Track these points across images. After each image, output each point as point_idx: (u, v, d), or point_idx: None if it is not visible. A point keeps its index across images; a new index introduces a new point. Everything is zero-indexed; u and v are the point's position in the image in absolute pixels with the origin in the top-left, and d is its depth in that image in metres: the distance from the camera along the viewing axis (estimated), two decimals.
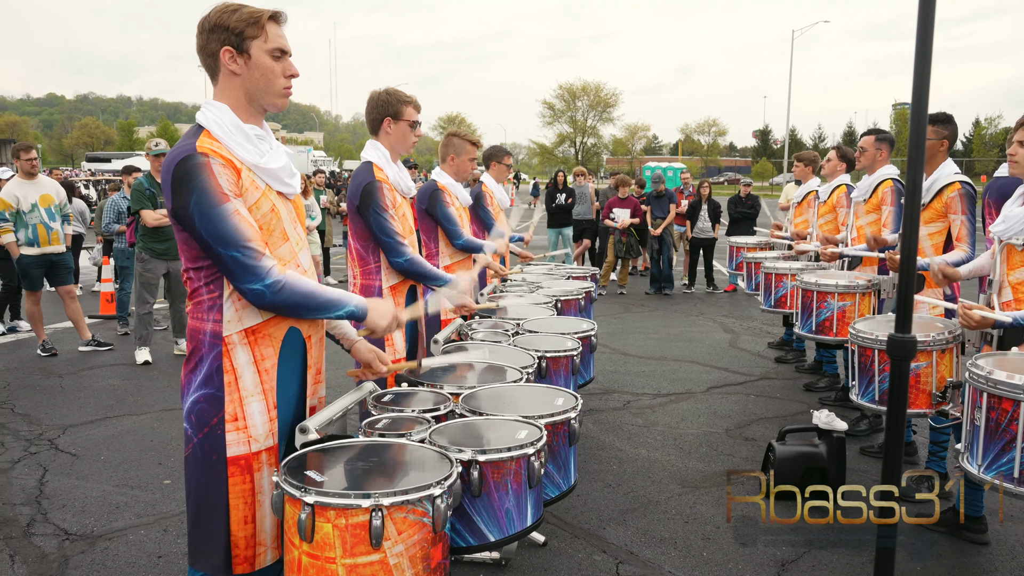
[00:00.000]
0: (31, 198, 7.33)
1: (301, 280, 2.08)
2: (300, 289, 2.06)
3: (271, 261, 2.03)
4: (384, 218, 3.31)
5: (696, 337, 8.62)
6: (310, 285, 2.09)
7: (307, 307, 2.09)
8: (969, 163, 52.02)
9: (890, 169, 5.29)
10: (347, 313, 2.17)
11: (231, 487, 2.10)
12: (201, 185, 1.96)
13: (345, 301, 2.17)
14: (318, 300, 2.10)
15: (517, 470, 2.24)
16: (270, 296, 2.01)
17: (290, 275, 2.06)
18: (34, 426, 5.50)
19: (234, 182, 2.02)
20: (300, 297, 2.06)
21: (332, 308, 2.14)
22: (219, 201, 1.97)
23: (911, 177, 2.27)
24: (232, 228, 1.97)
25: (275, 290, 2.01)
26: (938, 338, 3.59)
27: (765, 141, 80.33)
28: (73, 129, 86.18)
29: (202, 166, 1.97)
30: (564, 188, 12.21)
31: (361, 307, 2.22)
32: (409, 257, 3.36)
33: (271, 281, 2.00)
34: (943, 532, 3.77)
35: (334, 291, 2.16)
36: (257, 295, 2.00)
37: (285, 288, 2.02)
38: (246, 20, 2.07)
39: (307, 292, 2.07)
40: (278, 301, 2.03)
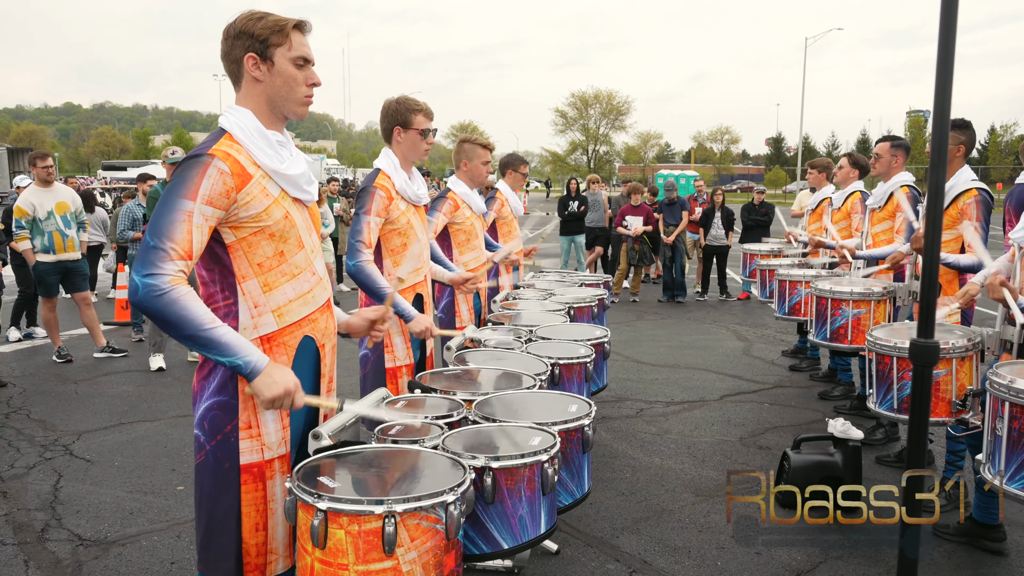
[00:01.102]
0: (47, 205, 7.39)
1: (190, 305, 1.92)
2: (178, 311, 1.90)
3: (174, 269, 1.92)
4: (360, 219, 3.31)
5: (709, 345, 8.57)
6: (194, 314, 1.92)
7: (178, 330, 1.92)
8: (984, 170, 51.68)
9: (905, 176, 5.25)
10: (230, 364, 1.96)
11: (243, 495, 2.09)
12: (184, 177, 1.96)
13: (235, 351, 1.95)
14: (196, 331, 1.91)
15: (531, 477, 2.23)
16: (142, 293, 1.89)
17: (181, 291, 1.92)
18: (49, 432, 5.52)
19: (224, 192, 1.98)
20: (174, 316, 1.90)
21: (212, 349, 1.94)
22: (183, 194, 1.94)
23: (933, 181, 2.25)
24: (170, 221, 1.93)
25: (152, 292, 1.88)
26: (957, 345, 3.55)
27: (778, 149, 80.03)
28: (90, 138, 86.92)
29: (200, 164, 1.97)
30: (577, 196, 12.20)
31: (253, 365, 1.97)
32: (358, 262, 3.29)
33: (152, 283, 1.89)
34: (961, 542, 3.72)
35: (229, 335, 1.96)
36: (134, 286, 1.90)
37: (163, 298, 1.89)
38: (271, 28, 2.08)
39: (185, 316, 1.91)
40: (147, 305, 1.90)
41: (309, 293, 2.19)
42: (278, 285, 2.11)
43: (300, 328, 2.17)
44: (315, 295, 2.21)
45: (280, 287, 2.12)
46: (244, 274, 2.08)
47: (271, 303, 2.10)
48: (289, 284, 2.13)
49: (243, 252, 2.06)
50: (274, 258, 2.10)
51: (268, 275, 2.10)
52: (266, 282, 2.10)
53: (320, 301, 2.23)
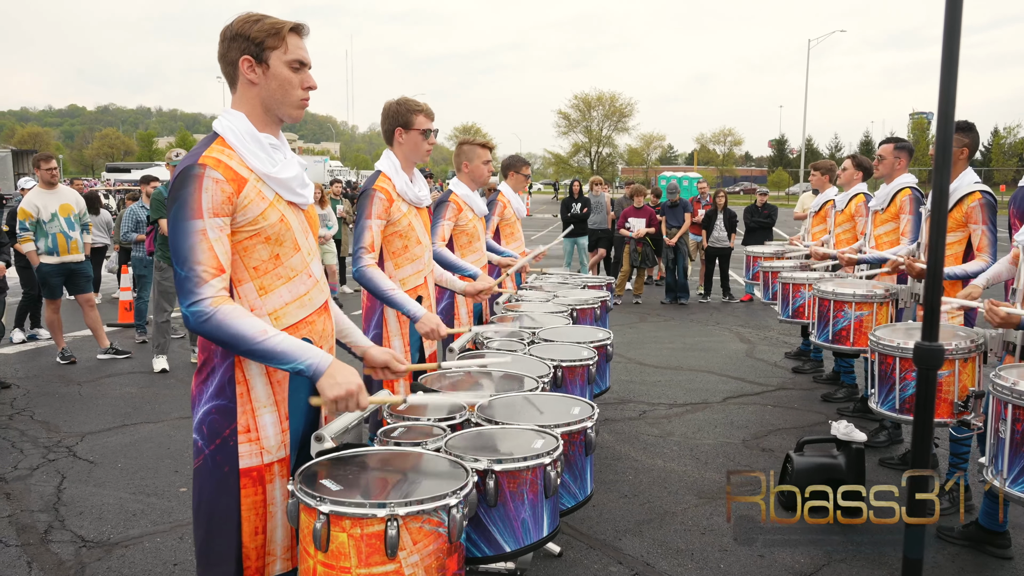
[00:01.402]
0: (51, 207, 7.40)
1: (235, 321, 1.95)
2: (229, 329, 1.94)
3: (212, 291, 1.95)
4: (362, 224, 3.32)
5: (712, 347, 8.57)
6: (245, 329, 1.95)
7: (235, 348, 1.97)
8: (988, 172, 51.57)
9: (908, 178, 5.25)
10: (292, 369, 2.00)
11: (243, 499, 2.09)
12: (183, 197, 1.96)
13: (294, 356, 1.99)
14: (251, 346, 1.95)
15: (533, 480, 2.23)
16: (193, 323, 1.95)
17: (225, 311, 1.95)
18: (52, 433, 5.53)
19: (225, 199, 1.98)
20: (227, 336, 1.94)
21: (271, 359, 1.98)
22: (190, 216, 1.95)
23: (938, 183, 2.24)
24: (188, 246, 1.95)
25: (199, 320, 1.94)
26: (960, 347, 3.54)
27: (781, 151, 79.98)
28: (94, 140, 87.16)
29: (194, 178, 1.97)
30: (579, 198, 12.20)
31: (315, 366, 2.01)
32: (360, 267, 3.32)
33: (196, 310, 1.93)
34: (965, 546, 3.71)
35: (286, 342, 2.00)
36: (184, 318, 1.97)
37: (210, 322, 1.93)
38: (267, 31, 2.07)
39: (237, 334, 1.94)
40: (200, 331, 1.96)
41: (306, 295, 2.18)
42: (274, 288, 2.11)
43: (297, 331, 2.16)
44: (312, 297, 2.21)
45: (276, 290, 2.11)
46: (240, 277, 2.07)
47: (267, 306, 2.10)
48: (285, 287, 2.13)
49: (238, 256, 2.06)
50: (269, 261, 2.09)
51: (264, 278, 2.09)
52: (262, 285, 2.09)
53: (317, 303, 2.23)
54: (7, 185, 26.54)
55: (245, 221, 2.04)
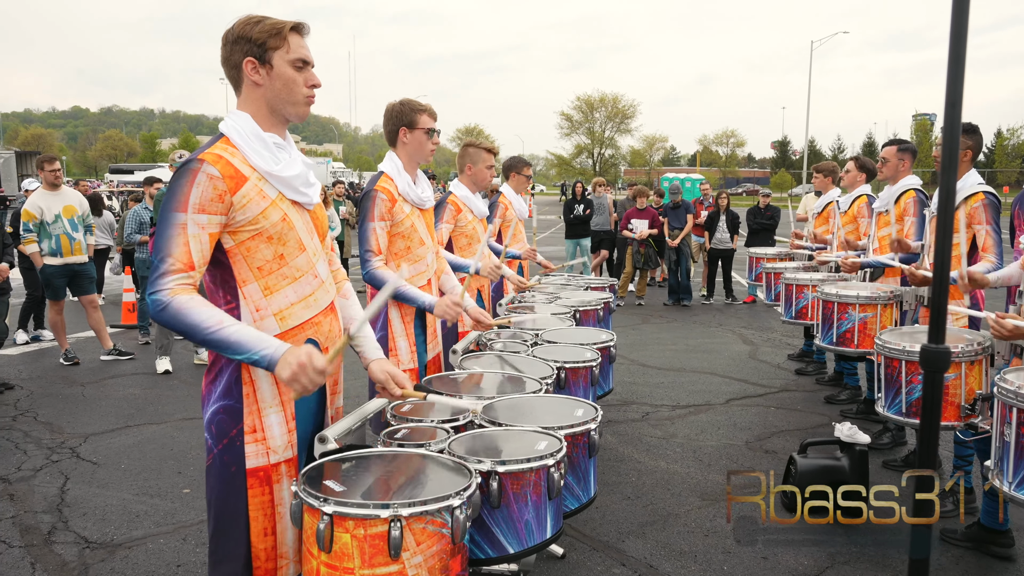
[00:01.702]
0: (55, 209, 7.42)
1: (192, 311, 1.95)
2: (184, 318, 1.95)
3: (172, 283, 1.97)
4: (366, 227, 3.32)
5: (715, 348, 8.56)
6: (198, 319, 1.95)
7: (190, 337, 1.98)
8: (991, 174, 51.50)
9: (912, 180, 5.23)
10: (247, 359, 1.98)
11: (250, 499, 2.10)
12: (174, 189, 2.00)
13: (248, 347, 1.97)
14: (204, 336, 1.95)
15: (536, 481, 2.22)
16: (152, 311, 1.98)
17: (180, 301, 1.96)
18: (56, 434, 5.54)
19: (216, 196, 1.99)
20: (182, 325, 1.96)
21: (225, 349, 1.97)
22: (174, 208, 1.98)
23: (944, 184, 2.23)
24: (165, 236, 1.98)
25: (156, 308, 1.96)
26: (967, 350, 3.53)
27: (784, 152, 79.93)
28: (97, 141, 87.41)
29: (189, 172, 1.99)
30: (582, 199, 12.20)
31: (269, 356, 1.97)
32: (369, 270, 3.32)
33: (154, 298, 1.96)
34: (968, 547, 3.70)
35: (240, 332, 1.98)
36: (148, 304, 1.99)
37: (167, 310, 1.95)
38: (268, 31, 2.08)
39: (191, 323, 1.95)
40: (160, 319, 1.98)
41: (311, 296, 2.19)
42: (279, 288, 2.12)
43: (303, 331, 2.16)
44: (317, 298, 2.21)
45: (281, 290, 2.12)
46: (244, 278, 2.08)
47: (272, 306, 2.10)
48: (290, 287, 2.13)
49: (242, 256, 2.07)
50: (273, 261, 2.10)
51: (268, 278, 2.10)
52: (267, 285, 2.10)
53: (323, 304, 2.23)
54: (11, 187, 26.57)
55: (245, 220, 2.04)
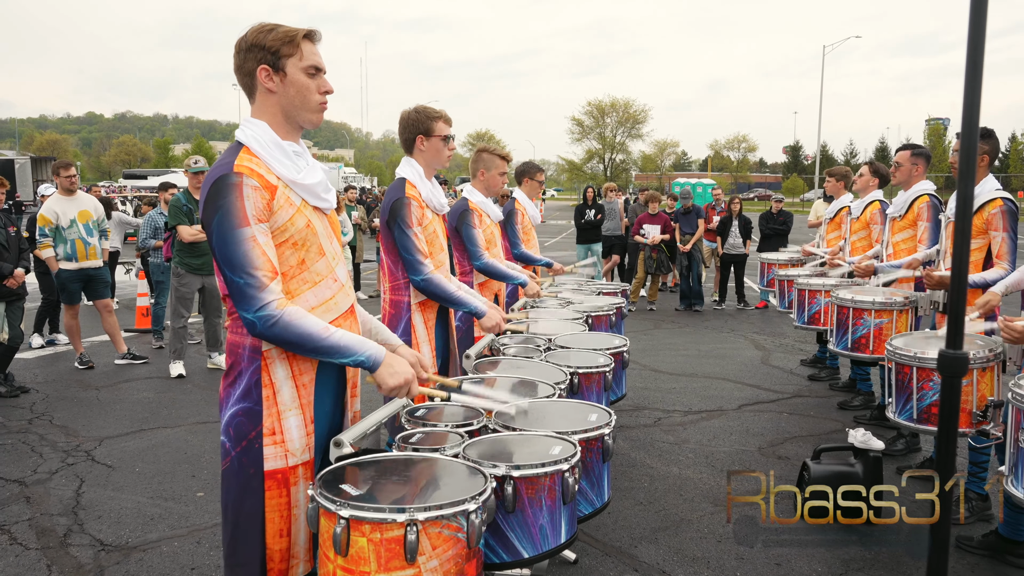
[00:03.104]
0: (70, 214, 7.48)
1: (301, 321, 2.01)
2: (296, 329, 2.00)
3: (272, 295, 2.00)
4: (408, 235, 3.30)
5: (727, 354, 8.54)
6: (309, 327, 2.02)
7: (302, 348, 2.03)
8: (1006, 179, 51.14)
9: (926, 184, 5.22)
10: (354, 362, 2.09)
11: (268, 500, 2.11)
12: (226, 206, 1.99)
13: (355, 350, 2.09)
14: (316, 343, 2.02)
15: (551, 486, 2.23)
16: (260, 328, 1.99)
17: (290, 313, 2.00)
18: (71, 438, 5.58)
19: (264, 205, 2.03)
20: (294, 336, 2.00)
21: (334, 354, 2.06)
22: (238, 224, 1.99)
23: (962, 190, 2.22)
24: (242, 253, 1.99)
25: (267, 324, 1.98)
26: (979, 356, 3.52)
27: (796, 157, 79.65)
28: (111, 147, 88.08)
29: (233, 186, 2.00)
30: (593, 204, 12.21)
31: (374, 358, 2.12)
32: (426, 276, 3.31)
33: (264, 314, 1.98)
34: (985, 555, 3.68)
35: (346, 337, 2.08)
36: (249, 324, 2.00)
37: (278, 324, 1.98)
38: (281, 39, 2.11)
39: (303, 332, 2.00)
40: (268, 335, 2.00)
41: (331, 300, 2.21)
42: (300, 293, 2.14)
43: None
44: (337, 301, 2.23)
45: (302, 295, 2.14)
46: None
47: None
48: (311, 291, 2.16)
49: None
50: (296, 267, 2.12)
51: (290, 283, 2.12)
52: (288, 290, 2.12)
53: (343, 307, 2.25)
54: (27, 192, 26.82)
55: (275, 227, 2.08)
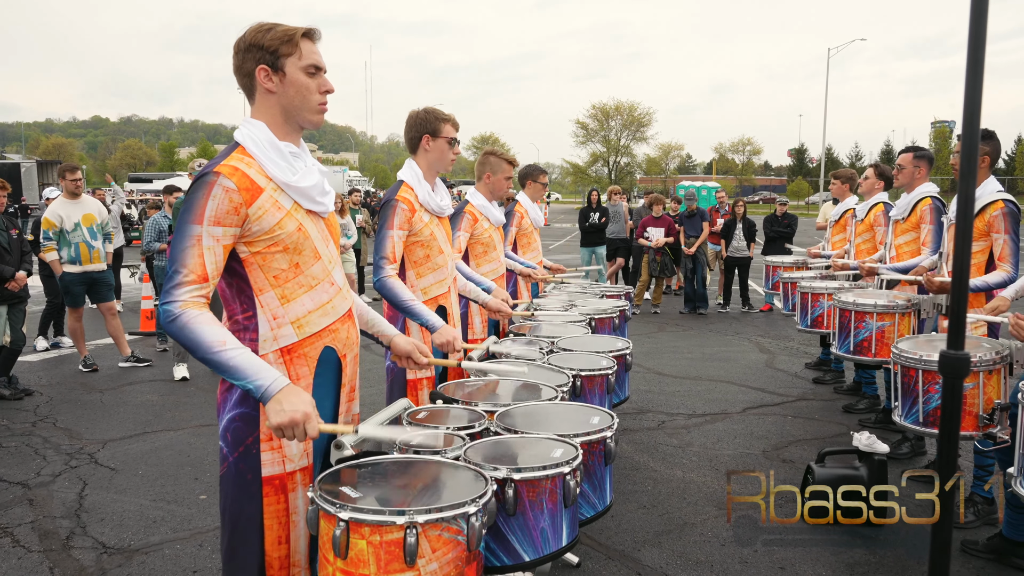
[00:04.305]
0: (74, 217, 7.50)
1: (199, 328, 1.95)
2: (189, 334, 1.94)
3: (185, 294, 1.97)
4: (383, 235, 3.31)
5: (731, 357, 8.51)
6: (204, 337, 1.94)
7: (193, 353, 1.97)
8: (1011, 181, 51.01)
9: (929, 187, 5.20)
10: (242, 387, 1.97)
11: (266, 507, 2.10)
12: (191, 201, 2.00)
13: (245, 374, 1.95)
14: (206, 355, 1.94)
15: (552, 489, 2.22)
16: (162, 320, 1.98)
17: (191, 315, 1.96)
18: (75, 440, 5.59)
19: (232, 209, 2.00)
20: (186, 340, 1.95)
21: (224, 372, 1.97)
22: (191, 220, 1.99)
23: (963, 191, 2.21)
24: (181, 247, 2.00)
25: (166, 319, 1.96)
26: (985, 358, 3.50)
27: (800, 160, 79.49)
28: (116, 150, 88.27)
29: (205, 184, 2.00)
30: (598, 207, 12.19)
31: (264, 388, 1.95)
32: (381, 278, 3.30)
33: (166, 308, 1.96)
34: (990, 559, 3.66)
35: (242, 358, 1.96)
36: (159, 313, 2.01)
37: (176, 323, 1.95)
38: (280, 38, 2.10)
39: (195, 340, 1.94)
40: (168, 330, 1.99)
41: (328, 304, 2.20)
42: (296, 297, 2.13)
43: (320, 339, 2.17)
44: (335, 305, 2.22)
45: (298, 299, 2.13)
46: (261, 287, 2.09)
47: (289, 315, 2.11)
48: (307, 295, 2.14)
49: (258, 265, 2.08)
50: (290, 270, 2.11)
51: (285, 287, 2.11)
52: (283, 294, 2.11)
53: (340, 311, 2.24)
54: (32, 195, 26.91)
55: (260, 231, 2.06)
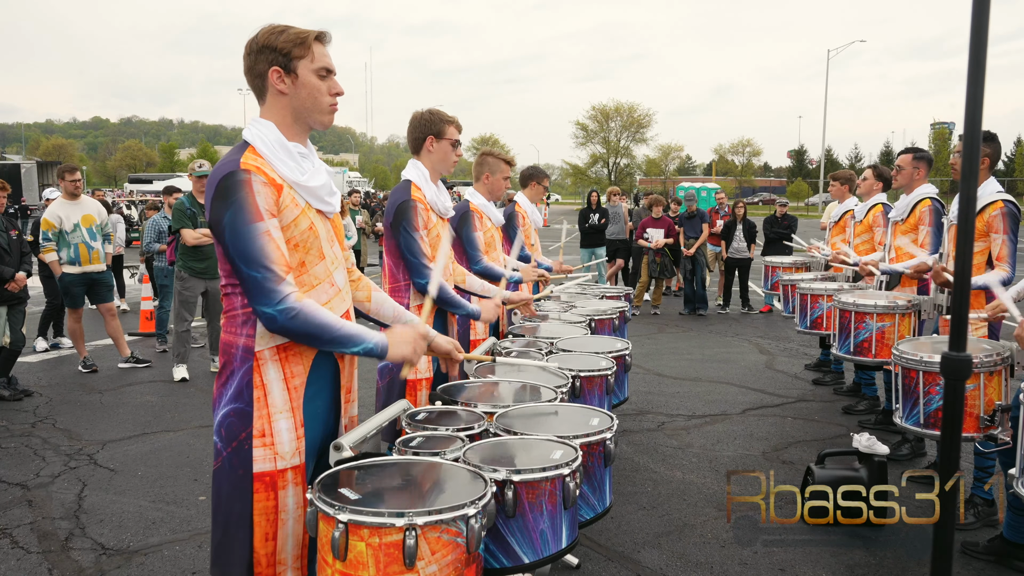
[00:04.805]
0: (74, 218, 7.49)
1: (318, 312, 2.04)
2: (314, 320, 2.03)
3: (290, 287, 2.01)
4: (413, 238, 3.29)
5: (731, 358, 8.51)
6: (326, 318, 2.05)
7: (319, 339, 2.05)
8: (1011, 183, 50.99)
9: (928, 188, 5.20)
10: (363, 350, 2.12)
11: (255, 503, 2.10)
12: (239, 202, 1.99)
13: (363, 337, 2.11)
14: (332, 334, 2.06)
15: (552, 490, 2.21)
16: (281, 321, 1.99)
17: (307, 305, 2.03)
18: (74, 441, 5.58)
19: (274, 201, 2.04)
20: (313, 328, 2.02)
21: (347, 343, 2.09)
22: (252, 219, 1.99)
23: (965, 192, 2.21)
24: (258, 248, 1.99)
25: (288, 316, 1.99)
26: (986, 360, 3.50)
27: (800, 161, 79.48)
28: (117, 151, 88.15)
29: (243, 183, 2.00)
30: (597, 208, 12.19)
31: (380, 344, 2.16)
32: (429, 280, 3.31)
33: (285, 307, 1.98)
34: (991, 560, 3.65)
35: (353, 327, 2.12)
36: (269, 319, 2.00)
37: (298, 316, 2.00)
38: (293, 41, 2.11)
39: (321, 324, 2.04)
40: (289, 328, 2.01)
41: (327, 304, 2.20)
42: None
43: None
44: (333, 306, 2.22)
45: None
46: None
47: None
48: (307, 295, 2.15)
49: None
50: (296, 268, 2.12)
51: None
52: None
53: (339, 312, 2.24)
54: (32, 196, 26.91)
55: (281, 226, 2.08)
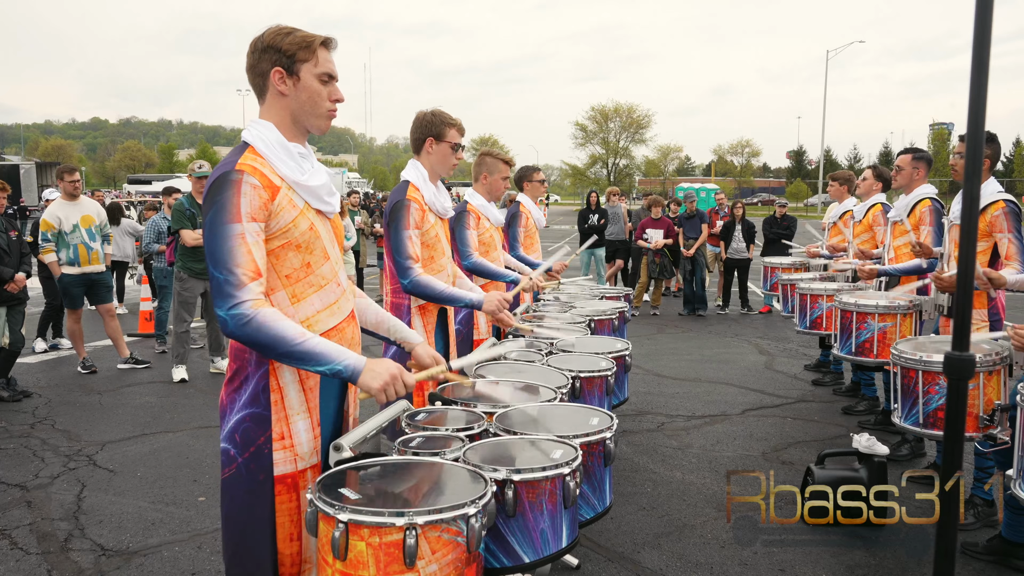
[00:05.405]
0: (73, 219, 7.49)
1: (276, 323, 1.96)
2: (268, 331, 1.95)
3: (250, 294, 1.97)
4: (401, 237, 3.30)
5: (731, 359, 8.51)
6: (285, 331, 1.96)
7: (273, 350, 1.96)
8: (1010, 183, 51.05)
9: (928, 188, 5.20)
10: (330, 371, 2.01)
11: (278, 505, 2.10)
12: (222, 201, 1.98)
13: (331, 357, 2.00)
14: (289, 347, 1.95)
15: (552, 490, 2.21)
16: (232, 326, 1.95)
17: (265, 313, 1.96)
18: (73, 442, 5.58)
19: (261, 204, 2.01)
20: (265, 338, 1.95)
21: (308, 360, 1.98)
22: (228, 220, 1.97)
23: (968, 191, 2.21)
24: (227, 249, 1.96)
25: (238, 322, 1.94)
26: (985, 359, 3.50)
27: (799, 162, 79.55)
28: (116, 152, 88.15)
29: (232, 183, 1.99)
30: (597, 209, 12.19)
31: (352, 367, 2.03)
32: (412, 279, 3.29)
33: (237, 312, 1.94)
34: (990, 560, 3.65)
35: (323, 344, 2.01)
36: (222, 322, 1.97)
37: (250, 324, 1.94)
38: (298, 43, 2.11)
39: (276, 335, 1.95)
40: (239, 335, 1.96)
41: (335, 304, 2.21)
42: (306, 296, 2.13)
43: (328, 338, 2.17)
44: (341, 306, 2.23)
45: (308, 298, 2.14)
46: (272, 286, 2.10)
47: (300, 314, 2.12)
48: (316, 295, 2.15)
49: (271, 264, 2.08)
50: (301, 269, 2.12)
51: (296, 286, 2.12)
52: (294, 293, 2.12)
53: (346, 311, 2.25)
54: (32, 197, 26.90)
55: (277, 228, 2.07)
